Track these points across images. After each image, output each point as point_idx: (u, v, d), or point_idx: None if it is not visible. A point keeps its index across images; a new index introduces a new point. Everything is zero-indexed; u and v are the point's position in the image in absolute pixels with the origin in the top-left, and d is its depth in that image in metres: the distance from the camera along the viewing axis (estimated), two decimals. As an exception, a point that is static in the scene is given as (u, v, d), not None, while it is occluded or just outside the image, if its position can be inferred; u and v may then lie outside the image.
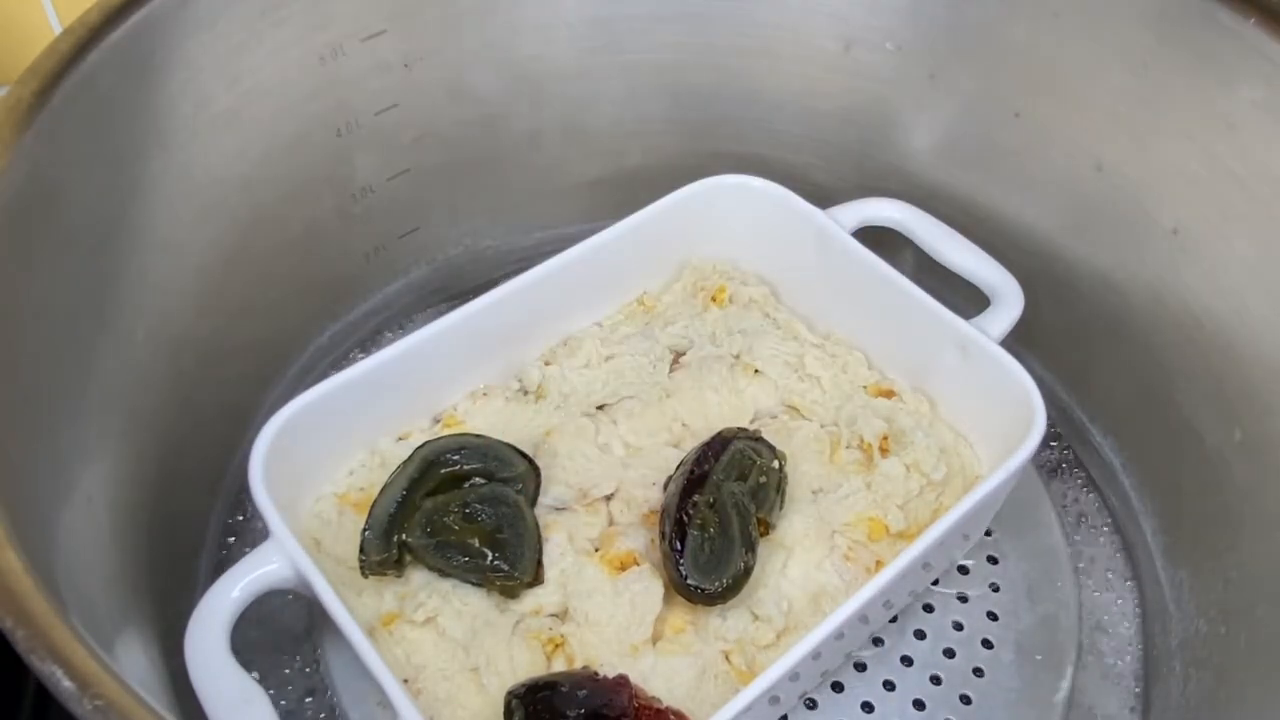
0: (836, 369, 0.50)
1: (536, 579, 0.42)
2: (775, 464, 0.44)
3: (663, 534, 0.42)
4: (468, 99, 0.53)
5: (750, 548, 0.41)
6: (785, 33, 0.53)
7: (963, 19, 0.49)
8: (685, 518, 0.41)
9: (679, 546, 0.41)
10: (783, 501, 0.44)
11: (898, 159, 0.55)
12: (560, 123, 0.56)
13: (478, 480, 0.44)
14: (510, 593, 0.42)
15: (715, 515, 0.41)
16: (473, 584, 0.42)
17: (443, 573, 0.42)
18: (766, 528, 0.44)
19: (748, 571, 0.41)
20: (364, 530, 0.42)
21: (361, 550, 0.42)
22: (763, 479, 0.43)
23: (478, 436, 0.45)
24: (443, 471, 0.43)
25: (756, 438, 0.45)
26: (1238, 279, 0.44)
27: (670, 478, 0.44)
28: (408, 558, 0.42)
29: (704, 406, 0.49)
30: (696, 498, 0.42)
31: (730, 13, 0.53)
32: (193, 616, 0.37)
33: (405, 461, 0.43)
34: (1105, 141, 0.47)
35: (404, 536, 0.42)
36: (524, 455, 0.45)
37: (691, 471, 0.42)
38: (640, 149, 0.58)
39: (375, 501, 0.43)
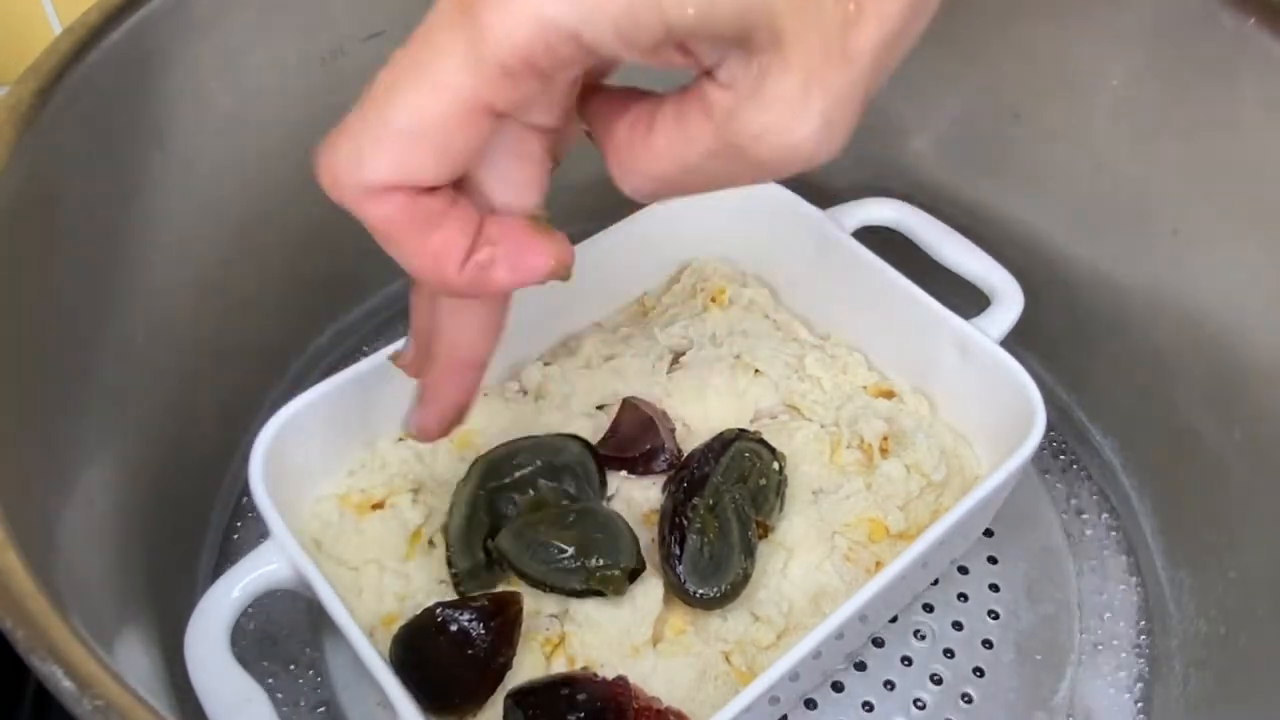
0: (837, 369, 0.50)
1: (639, 565, 0.41)
2: (775, 466, 0.44)
3: (662, 537, 0.41)
4: (468, 99, 0.53)
5: (749, 553, 0.41)
6: (785, 33, 0.53)
7: (963, 19, 0.49)
8: (685, 521, 0.41)
9: (678, 551, 0.40)
10: (782, 504, 0.44)
11: (898, 159, 0.55)
12: (560, 123, 0.56)
13: (545, 483, 0.43)
14: (619, 587, 0.40)
15: (715, 520, 0.41)
16: (575, 591, 0.41)
17: (540, 583, 0.41)
18: (766, 531, 0.44)
19: (746, 577, 0.41)
20: (447, 550, 0.42)
21: (450, 565, 0.41)
22: (763, 482, 0.43)
23: (526, 438, 0.45)
24: (506, 480, 0.43)
25: (757, 439, 0.45)
26: (1238, 279, 0.44)
27: (670, 479, 0.44)
28: (499, 564, 0.42)
29: (704, 406, 0.48)
30: (696, 501, 0.41)
31: (730, 13, 0.53)
32: (193, 616, 0.37)
33: (463, 479, 0.43)
34: (1105, 141, 0.47)
35: (491, 542, 0.41)
36: (572, 436, 0.44)
37: (692, 474, 0.42)
38: (640, 149, 0.58)
39: (446, 523, 0.42)
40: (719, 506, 0.42)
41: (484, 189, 0.29)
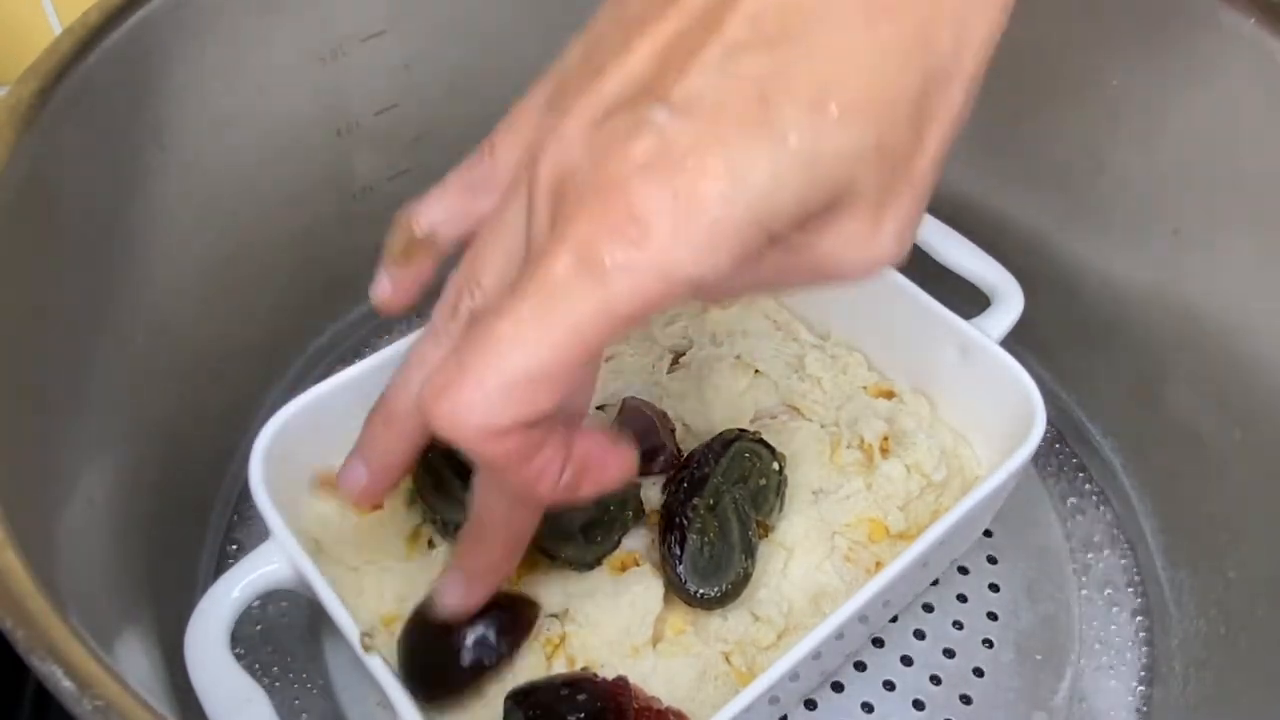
0: (837, 369, 0.50)
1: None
2: (775, 466, 0.44)
3: (662, 537, 0.41)
4: (468, 99, 0.53)
5: (749, 553, 0.41)
6: (785, 33, 0.53)
7: (963, 19, 0.49)
8: (685, 521, 0.41)
9: (678, 551, 0.41)
10: (782, 505, 0.44)
11: (898, 159, 0.55)
12: (560, 123, 0.56)
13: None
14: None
15: (715, 519, 0.41)
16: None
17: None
18: (766, 531, 0.44)
19: (746, 577, 0.41)
20: (431, 513, 0.43)
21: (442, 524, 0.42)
22: (763, 482, 0.43)
23: None
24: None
25: (757, 439, 0.45)
26: (1238, 279, 0.44)
27: (670, 479, 0.44)
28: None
29: (704, 406, 0.48)
30: (696, 501, 0.41)
31: (730, 13, 0.53)
32: (193, 616, 0.37)
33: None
34: (1105, 141, 0.47)
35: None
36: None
37: (692, 474, 0.42)
38: (640, 149, 0.58)
39: (415, 488, 0.43)
40: (719, 506, 0.42)
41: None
